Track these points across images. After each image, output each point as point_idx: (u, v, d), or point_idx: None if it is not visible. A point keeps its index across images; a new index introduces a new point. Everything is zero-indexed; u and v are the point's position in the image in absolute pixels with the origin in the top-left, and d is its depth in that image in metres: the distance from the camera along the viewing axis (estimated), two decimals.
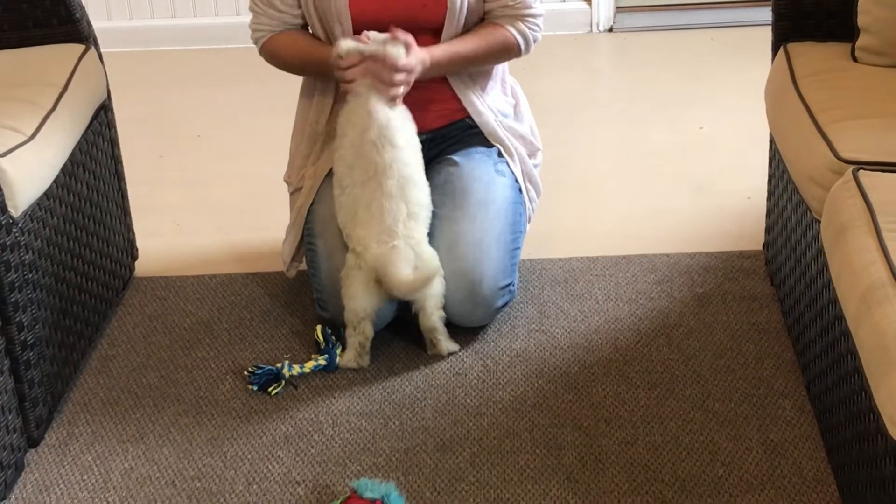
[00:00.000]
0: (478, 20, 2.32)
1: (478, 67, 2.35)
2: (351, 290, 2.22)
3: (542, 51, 2.41)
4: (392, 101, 2.19)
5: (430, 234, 2.27)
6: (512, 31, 2.30)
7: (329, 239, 2.28)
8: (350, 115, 2.22)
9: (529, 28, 2.31)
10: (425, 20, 2.24)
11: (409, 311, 2.25)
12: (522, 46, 2.32)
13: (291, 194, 2.47)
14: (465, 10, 2.27)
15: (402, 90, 2.19)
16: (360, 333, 2.24)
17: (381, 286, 2.19)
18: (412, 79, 2.19)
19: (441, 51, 2.24)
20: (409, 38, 2.18)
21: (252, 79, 3.68)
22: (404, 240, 2.19)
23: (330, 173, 2.31)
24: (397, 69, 2.15)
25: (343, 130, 2.23)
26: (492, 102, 2.41)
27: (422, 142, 2.28)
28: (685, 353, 2.26)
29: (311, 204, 2.37)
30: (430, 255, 2.21)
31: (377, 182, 2.19)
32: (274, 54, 2.35)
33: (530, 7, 2.31)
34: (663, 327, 2.35)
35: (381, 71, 2.16)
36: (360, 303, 2.22)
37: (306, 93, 2.43)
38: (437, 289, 2.22)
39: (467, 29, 2.30)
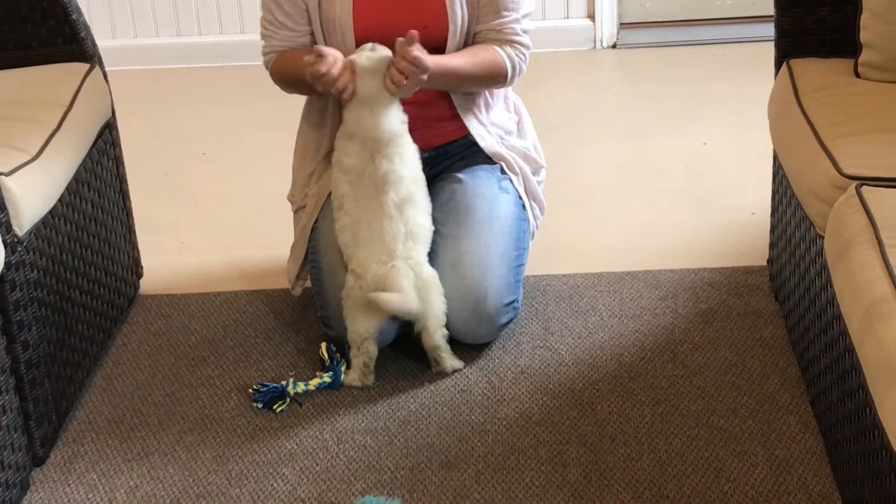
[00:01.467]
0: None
1: (466, 87, 2.32)
2: (352, 311, 2.22)
3: (546, 67, 2.42)
4: (396, 92, 2.15)
5: (434, 252, 2.27)
6: (501, 54, 2.28)
7: (333, 257, 2.29)
8: (349, 128, 2.22)
9: (517, 54, 2.30)
10: (427, 39, 2.25)
11: (413, 328, 2.25)
12: (509, 72, 2.29)
13: (295, 213, 2.47)
14: (465, 28, 2.27)
15: (406, 84, 2.14)
16: (363, 353, 2.24)
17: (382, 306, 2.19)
18: (420, 77, 2.14)
19: (435, 62, 2.20)
20: (416, 39, 2.15)
21: (257, 96, 3.69)
22: (403, 260, 2.19)
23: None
24: (410, 58, 2.11)
25: (343, 148, 2.23)
26: (495, 119, 2.41)
27: (424, 160, 2.28)
28: (690, 369, 2.26)
29: (315, 222, 2.38)
30: (430, 276, 2.21)
31: (378, 202, 2.19)
32: (276, 71, 2.36)
33: (518, 35, 2.30)
34: (668, 343, 2.35)
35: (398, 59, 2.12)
36: (361, 324, 2.22)
37: (308, 112, 2.44)
38: (438, 308, 2.23)
39: None
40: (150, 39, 4.17)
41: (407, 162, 2.21)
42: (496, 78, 2.31)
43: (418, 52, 2.13)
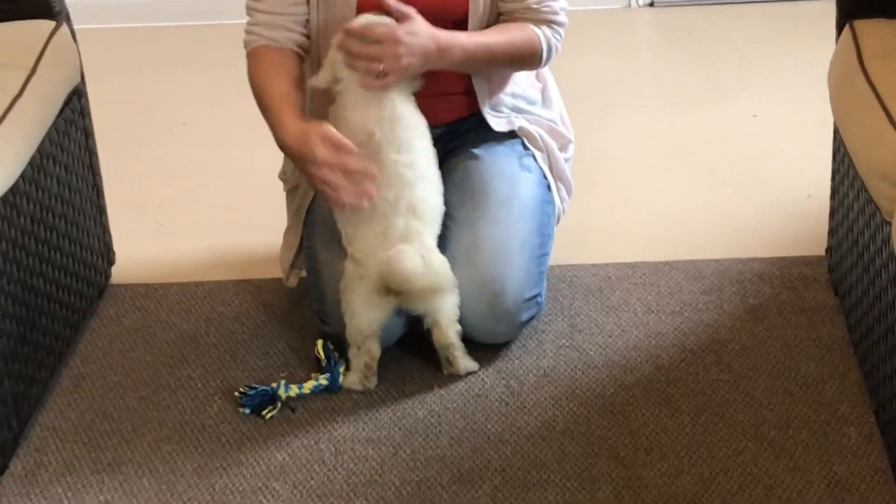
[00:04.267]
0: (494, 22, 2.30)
1: (496, 69, 2.32)
2: (352, 304, 2.22)
3: (573, 28, 2.41)
4: (373, 83, 2.14)
5: (446, 238, 2.27)
6: (537, 32, 2.28)
7: (331, 243, 2.29)
8: (347, 103, 2.21)
9: (554, 35, 2.29)
10: (444, 13, 2.23)
11: (421, 325, 2.26)
12: (544, 53, 2.29)
13: (288, 192, 2.47)
14: (488, 1, 2.26)
15: (383, 69, 2.11)
16: (365, 353, 2.24)
17: (387, 297, 2.19)
18: (407, 61, 2.11)
19: (448, 37, 2.17)
20: (409, 10, 2.14)
21: (242, 59, 3.69)
22: (410, 245, 2.18)
23: None
24: (374, 39, 2.10)
25: (338, 119, 2.22)
26: (515, 87, 2.40)
27: (435, 137, 2.28)
28: (736, 372, 2.26)
29: (311, 203, 2.38)
30: (441, 264, 2.20)
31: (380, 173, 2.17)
32: (252, 71, 2.32)
33: (556, 13, 2.29)
34: (711, 343, 2.34)
35: (350, 43, 2.12)
36: (363, 319, 2.22)
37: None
38: (451, 300, 2.22)
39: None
40: None
41: (416, 134, 2.21)
42: (529, 59, 2.30)
43: (385, 28, 2.10)
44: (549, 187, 2.41)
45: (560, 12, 2.30)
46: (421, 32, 2.15)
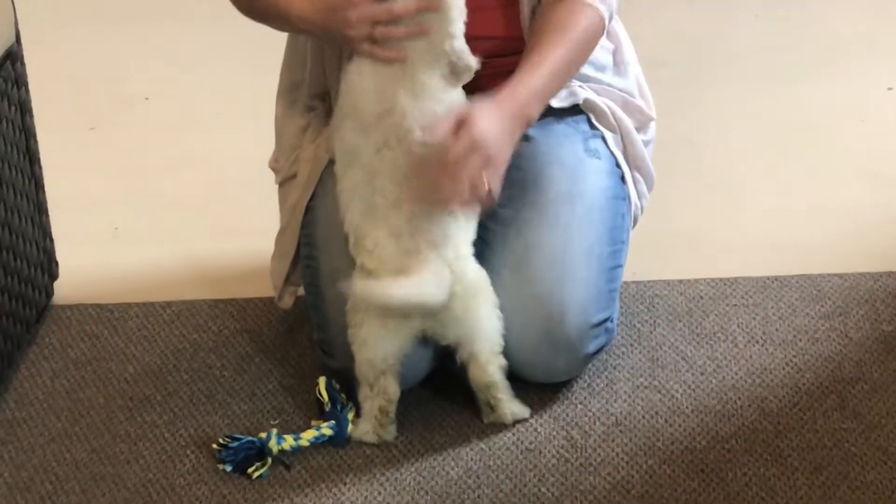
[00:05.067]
0: None
1: (573, 75, 2.35)
2: (362, 330, 2.22)
3: None
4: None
5: (488, 245, 2.28)
6: (589, 9, 2.27)
7: (336, 250, 2.30)
8: (364, 89, 2.23)
9: None
10: None
11: (454, 358, 2.27)
12: (606, 18, 2.30)
13: (281, 186, 2.49)
14: None
15: (486, 184, 2.16)
16: (379, 394, 2.25)
17: (407, 321, 2.19)
18: (495, 161, 2.15)
19: (512, 98, 2.20)
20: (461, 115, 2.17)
21: (224, 14, 3.70)
22: (436, 251, 2.19)
23: None
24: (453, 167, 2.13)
25: (347, 107, 2.24)
26: None
27: None
28: (866, 420, 2.26)
29: (311, 200, 2.39)
30: (477, 278, 2.21)
31: (398, 154, 2.19)
32: None
33: None
34: (834, 383, 2.34)
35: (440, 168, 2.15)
36: (376, 349, 2.22)
37: (293, 37, 2.46)
38: (490, 326, 2.23)
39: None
40: None
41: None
42: (595, 41, 2.33)
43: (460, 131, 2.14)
44: (622, 179, 2.42)
45: None
46: (483, 120, 2.16)
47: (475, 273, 2.22)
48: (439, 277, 2.16)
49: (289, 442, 2.25)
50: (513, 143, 2.21)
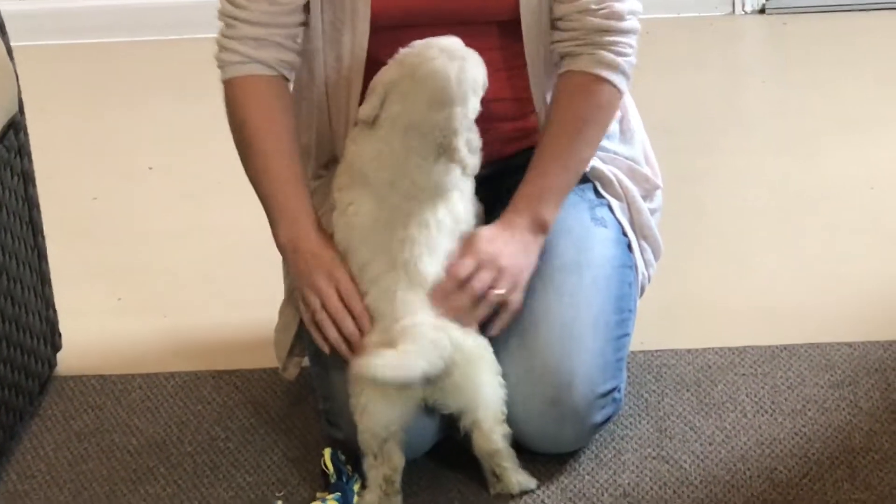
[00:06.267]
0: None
1: (592, 156, 2.38)
2: (362, 398, 2.22)
3: (662, 41, 2.44)
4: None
5: (494, 314, 2.29)
6: (602, 82, 2.29)
7: None
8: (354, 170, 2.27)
9: (624, 60, 2.29)
10: (488, 15, 2.27)
11: (459, 428, 2.27)
12: (622, 86, 2.32)
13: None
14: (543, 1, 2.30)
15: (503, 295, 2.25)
16: (384, 463, 2.24)
17: (408, 389, 2.19)
18: (511, 271, 2.24)
19: (528, 203, 2.29)
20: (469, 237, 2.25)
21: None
22: (431, 317, 2.20)
23: None
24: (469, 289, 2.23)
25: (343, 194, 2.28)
26: None
27: (484, 177, 2.30)
28: (877, 491, 2.25)
29: None
30: (476, 346, 2.22)
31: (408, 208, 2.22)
32: (236, 108, 2.40)
33: (621, 19, 2.28)
34: (844, 453, 2.34)
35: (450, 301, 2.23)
36: (378, 417, 2.22)
37: (300, 93, 2.46)
38: (492, 394, 2.23)
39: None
40: (75, 1, 4.21)
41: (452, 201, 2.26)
42: (611, 115, 2.36)
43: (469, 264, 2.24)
44: (629, 247, 2.43)
45: (628, 17, 2.29)
46: (485, 240, 2.25)
47: (475, 341, 2.23)
48: (436, 346, 2.17)
49: None
50: (530, 251, 2.27)
